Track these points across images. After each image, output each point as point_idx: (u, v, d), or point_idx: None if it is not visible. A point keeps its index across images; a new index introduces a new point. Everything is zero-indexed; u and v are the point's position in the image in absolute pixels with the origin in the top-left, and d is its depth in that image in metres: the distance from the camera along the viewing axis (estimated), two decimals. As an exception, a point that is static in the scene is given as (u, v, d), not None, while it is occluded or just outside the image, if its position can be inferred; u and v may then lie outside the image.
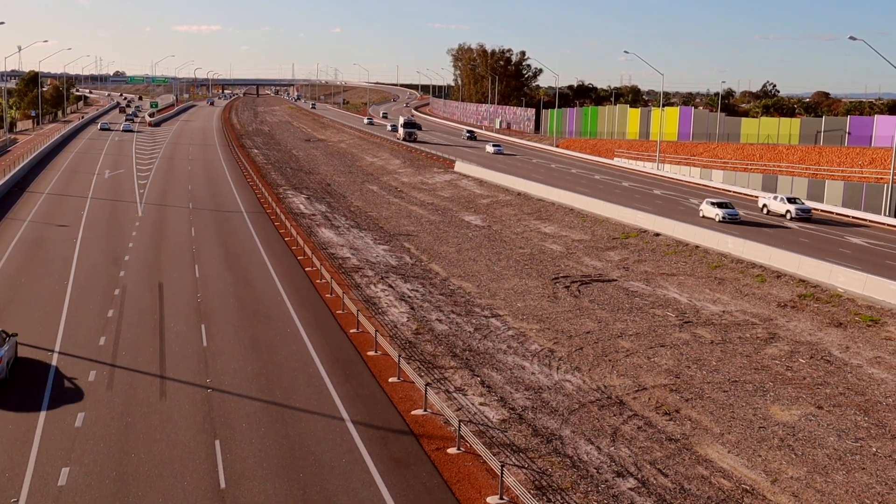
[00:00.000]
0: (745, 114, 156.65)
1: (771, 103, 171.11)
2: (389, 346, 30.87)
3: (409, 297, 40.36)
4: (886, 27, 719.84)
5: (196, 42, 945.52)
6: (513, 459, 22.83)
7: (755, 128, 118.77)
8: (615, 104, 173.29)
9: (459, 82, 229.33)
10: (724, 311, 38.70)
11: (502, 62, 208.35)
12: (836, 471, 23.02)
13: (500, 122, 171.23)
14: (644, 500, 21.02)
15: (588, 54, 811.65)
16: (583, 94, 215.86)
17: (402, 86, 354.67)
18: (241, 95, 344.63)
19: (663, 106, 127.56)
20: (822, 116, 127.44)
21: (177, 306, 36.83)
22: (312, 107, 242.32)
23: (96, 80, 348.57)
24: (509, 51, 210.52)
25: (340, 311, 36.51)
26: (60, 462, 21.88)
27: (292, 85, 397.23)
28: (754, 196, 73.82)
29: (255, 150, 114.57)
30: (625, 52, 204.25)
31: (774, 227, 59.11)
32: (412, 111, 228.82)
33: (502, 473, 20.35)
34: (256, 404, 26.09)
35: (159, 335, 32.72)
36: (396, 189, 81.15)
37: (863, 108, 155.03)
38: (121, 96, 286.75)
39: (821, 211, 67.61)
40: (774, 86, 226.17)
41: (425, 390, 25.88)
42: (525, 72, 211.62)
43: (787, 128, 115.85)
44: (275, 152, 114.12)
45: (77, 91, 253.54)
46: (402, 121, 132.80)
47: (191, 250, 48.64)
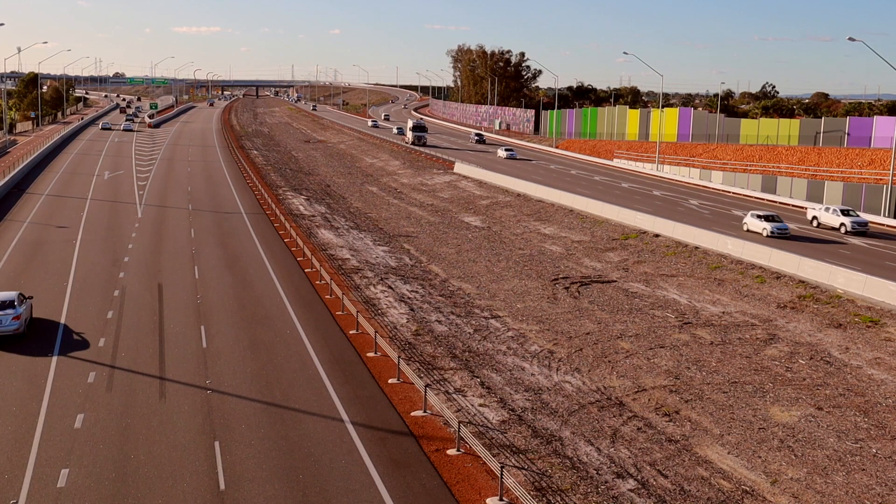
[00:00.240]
0: (745, 115, 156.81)
1: (770, 104, 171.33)
2: (389, 347, 30.86)
3: (409, 298, 40.36)
4: (885, 28, 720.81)
5: (196, 43, 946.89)
6: (512, 461, 22.83)
7: (754, 129, 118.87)
8: (615, 105, 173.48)
9: (459, 83, 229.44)
10: (723, 312, 38.70)
11: (502, 63, 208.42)
12: (836, 472, 23.01)
13: (500, 124, 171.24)
14: (644, 501, 21.02)
15: (587, 55, 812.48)
16: (582, 96, 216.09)
17: (401, 87, 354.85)
18: (241, 97, 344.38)
19: (663, 107, 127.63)
20: (821, 117, 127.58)
21: (176, 307, 36.83)
22: (313, 108, 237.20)
23: (96, 82, 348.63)
24: (509, 52, 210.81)
25: (340, 313, 36.51)
26: (60, 463, 21.89)
27: (292, 86, 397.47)
28: (800, 207, 68.30)
29: (255, 152, 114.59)
30: (624, 53, 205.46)
31: (829, 242, 53.40)
32: (412, 112, 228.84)
33: (502, 475, 20.34)
34: (256, 406, 26.09)
35: (159, 336, 32.72)
36: (396, 190, 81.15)
37: (862, 108, 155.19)
38: (117, 97, 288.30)
39: (874, 223, 61.35)
40: (774, 87, 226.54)
41: (425, 391, 25.88)
42: (524, 73, 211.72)
43: (787, 129, 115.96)
44: (274, 153, 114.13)
45: (76, 92, 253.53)
46: (410, 124, 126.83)
47: (190, 251, 48.64)
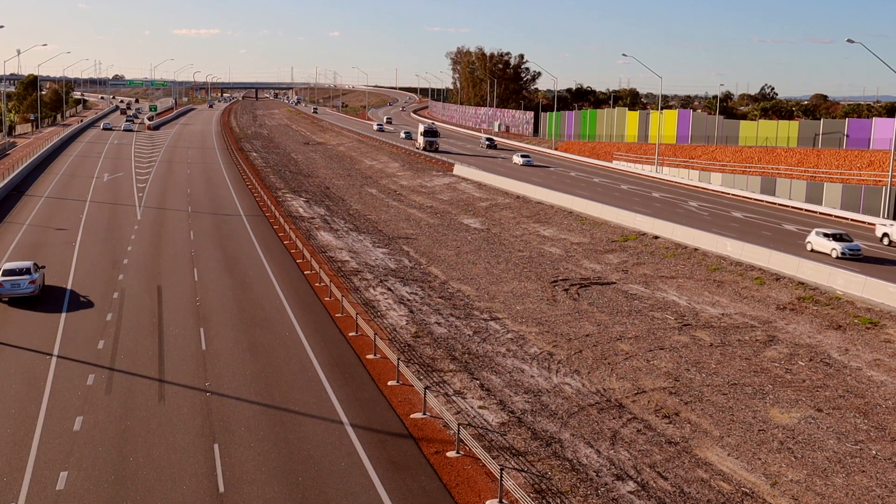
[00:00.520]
0: (744, 116, 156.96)
1: (769, 106, 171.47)
2: (388, 349, 30.84)
3: (408, 300, 40.34)
4: (884, 30, 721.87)
5: (195, 46, 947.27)
6: (512, 463, 22.81)
7: (754, 130, 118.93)
8: (614, 107, 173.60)
9: (458, 85, 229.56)
10: (723, 314, 38.69)
11: (501, 65, 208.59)
12: (836, 473, 23.00)
13: (499, 126, 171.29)
14: (644, 503, 21.00)
15: (586, 57, 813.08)
16: (581, 97, 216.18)
17: (400, 89, 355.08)
18: (240, 99, 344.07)
19: (662, 109, 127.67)
20: (820, 119, 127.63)
21: (176, 310, 36.81)
22: (314, 111, 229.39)
23: (95, 84, 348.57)
24: (508, 54, 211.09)
25: (339, 315, 36.48)
26: (59, 466, 21.86)
27: (291, 88, 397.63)
28: (867, 223, 62.46)
29: (254, 154, 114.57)
30: (623, 55, 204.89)
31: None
32: (411, 114, 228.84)
33: (502, 477, 20.32)
34: (255, 408, 26.07)
35: (158, 338, 32.70)
36: (395, 192, 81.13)
37: (861, 110, 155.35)
38: (112, 98, 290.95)
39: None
40: (773, 88, 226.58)
41: (424, 393, 25.85)
42: (524, 75, 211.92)
43: (786, 130, 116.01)
44: (274, 155, 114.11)
45: (76, 95, 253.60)
46: (421, 128, 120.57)
47: (190, 254, 48.62)
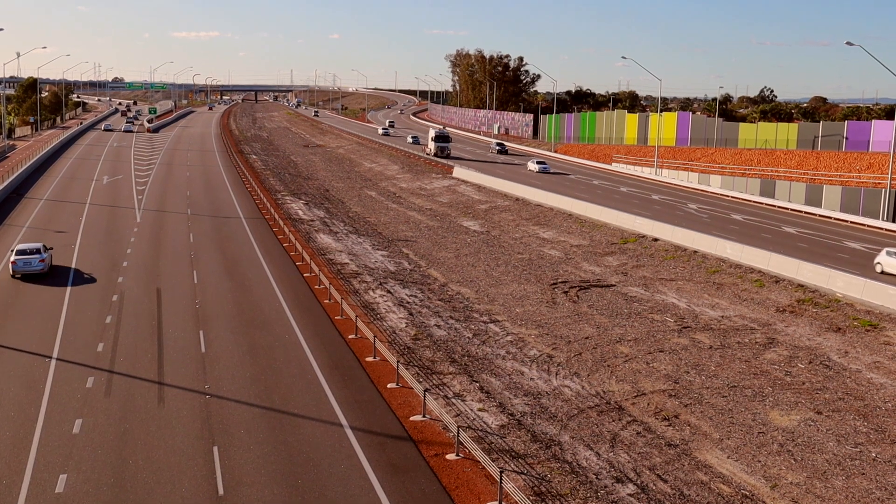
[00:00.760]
0: (743, 119, 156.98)
1: (768, 108, 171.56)
2: (388, 351, 30.83)
3: (408, 302, 40.33)
4: (883, 32, 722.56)
5: (194, 48, 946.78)
6: (512, 465, 22.79)
7: (753, 133, 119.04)
8: (613, 109, 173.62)
9: (458, 88, 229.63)
10: (722, 317, 38.68)
11: (500, 68, 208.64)
12: (836, 476, 22.99)
13: (498, 128, 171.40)
14: (643, 505, 20.98)
15: (586, 60, 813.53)
16: (581, 100, 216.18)
17: (400, 91, 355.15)
18: (240, 101, 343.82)
19: (661, 111, 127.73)
20: (819, 121, 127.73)
21: (175, 312, 36.80)
22: (315, 114, 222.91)
23: (95, 87, 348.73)
24: (507, 56, 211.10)
25: (339, 317, 36.48)
26: (58, 469, 21.84)
27: (291, 91, 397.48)
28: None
29: (254, 156, 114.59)
30: (622, 57, 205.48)
31: None
32: (410, 117, 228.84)
33: (501, 479, 20.30)
34: (255, 410, 26.05)
35: (157, 341, 32.68)
36: (395, 195, 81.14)
37: (860, 113, 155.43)
38: (110, 101, 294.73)
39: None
40: (772, 91, 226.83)
41: (424, 396, 25.84)
42: (523, 77, 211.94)
43: (785, 133, 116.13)
44: (273, 158, 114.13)
45: (76, 97, 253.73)
46: (432, 133, 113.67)
47: (189, 256, 48.61)
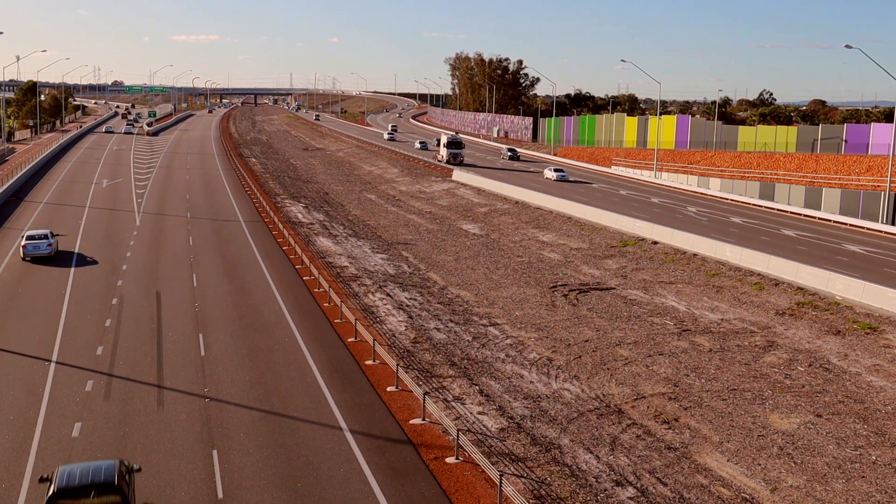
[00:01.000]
0: (742, 122, 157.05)
1: (768, 111, 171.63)
2: (387, 354, 30.81)
3: (408, 305, 40.31)
4: (882, 35, 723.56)
5: (194, 51, 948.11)
6: (511, 469, 22.77)
7: (752, 136, 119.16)
8: (612, 113, 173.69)
9: (457, 91, 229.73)
10: (722, 319, 38.67)
11: (500, 71, 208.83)
12: (836, 479, 22.97)
13: (498, 131, 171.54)
14: (643, 509, 20.96)
15: (585, 63, 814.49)
16: (580, 103, 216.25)
17: (399, 95, 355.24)
18: (239, 105, 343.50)
19: (660, 114, 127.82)
20: (818, 124, 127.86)
21: (175, 315, 36.78)
22: (316, 118, 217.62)
23: (94, 90, 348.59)
24: (507, 60, 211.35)
25: (338, 320, 36.46)
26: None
27: (290, 94, 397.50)
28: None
29: (253, 160, 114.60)
30: (622, 60, 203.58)
31: None
32: (409, 120, 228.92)
33: (501, 483, 20.28)
34: (254, 414, 26.03)
35: (157, 344, 32.66)
36: (394, 198, 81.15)
37: (859, 116, 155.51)
38: (106, 104, 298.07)
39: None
40: (771, 94, 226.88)
41: (423, 399, 25.82)
42: (522, 80, 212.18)
43: (784, 136, 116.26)
44: (273, 161, 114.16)
45: (75, 101, 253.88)
46: (444, 139, 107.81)
47: (189, 259, 48.59)
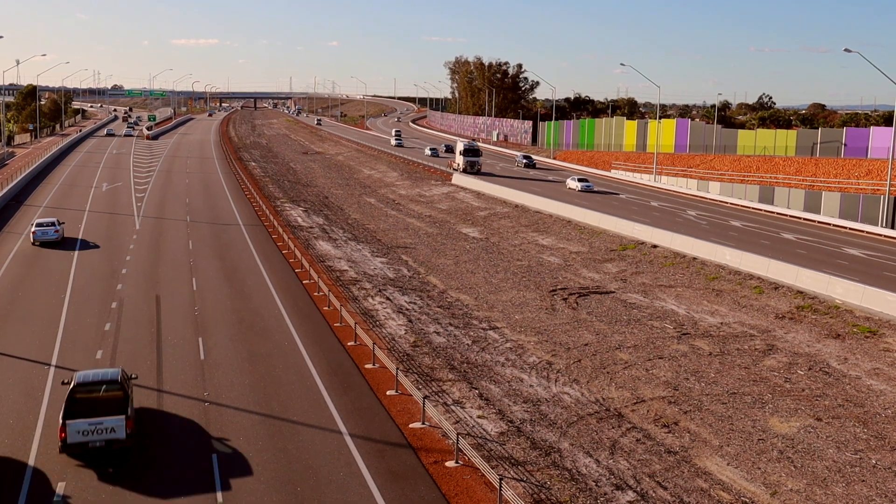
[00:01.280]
0: (742, 126, 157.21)
1: (767, 115, 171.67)
2: (387, 358, 30.80)
3: (407, 309, 40.32)
4: (881, 39, 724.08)
5: (194, 55, 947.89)
6: (511, 472, 22.76)
7: (752, 139, 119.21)
8: (612, 116, 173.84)
9: (457, 95, 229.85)
10: (722, 323, 38.67)
11: (499, 75, 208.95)
12: (836, 483, 22.95)
13: (498, 135, 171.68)
14: (643, 513, 20.94)
15: (585, 67, 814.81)
16: (580, 107, 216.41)
17: (399, 98, 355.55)
18: (239, 108, 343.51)
19: (660, 118, 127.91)
20: (818, 128, 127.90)
21: (174, 319, 36.77)
22: (318, 123, 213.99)
23: (94, 94, 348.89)
24: (506, 63, 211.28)
25: (338, 324, 36.46)
26: (57, 476, 21.80)
27: (290, 98, 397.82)
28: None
29: (253, 163, 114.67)
30: (621, 64, 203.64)
31: None
32: (409, 124, 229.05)
33: (501, 487, 20.27)
34: (254, 417, 26.02)
35: (156, 348, 32.65)
36: (394, 202, 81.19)
37: (858, 119, 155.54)
38: (102, 107, 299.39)
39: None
40: (770, 98, 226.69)
41: (423, 403, 25.81)
42: (522, 84, 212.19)
43: (784, 139, 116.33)
44: (272, 165, 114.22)
45: (75, 105, 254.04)
46: (461, 146, 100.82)
47: (188, 263, 48.59)
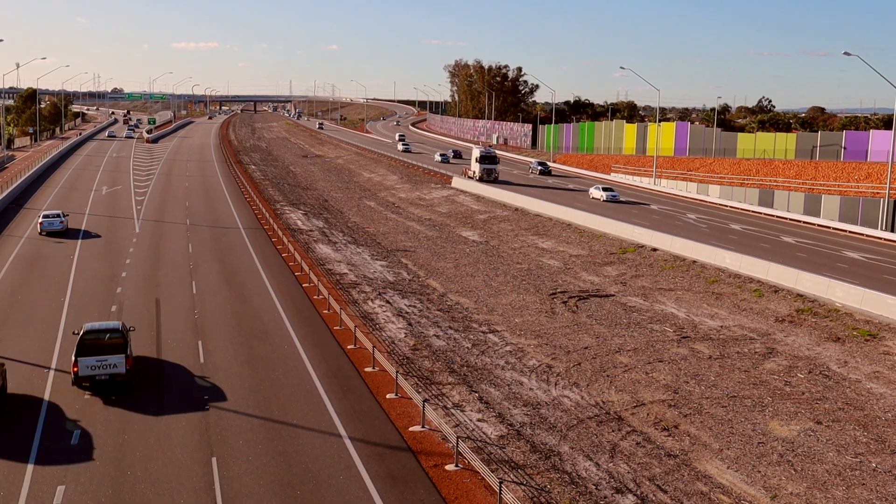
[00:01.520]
0: (741, 129, 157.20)
1: (767, 118, 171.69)
2: (387, 361, 30.78)
3: (407, 312, 40.30)
4: (881, 42, 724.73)
5: (194, 59, 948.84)
6: (511, 476, 22.73)
7: (751, 143, 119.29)
8: (612, 120, 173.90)
9: (456, 98, 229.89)
10: (721, 326, 38.66)
11: (499, 78, 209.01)
12: (836, 486, 22.93)
13: (497, 138, 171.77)
14: (643, 516, 20.91)
15: (584, 70, 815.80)
16: (579, 110, 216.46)
17: (399, 102, 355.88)
18: (239, 112, 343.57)
19: (659, 121, 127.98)
20: (817, 131, 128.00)
21: (174, 322, 36.75)
22: (320, 127, 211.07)
23: (94, 97, 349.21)
24: (506, 67, 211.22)
25: (338, 327, 36.44)
26: (56, 480, 21.77)
27: (290, 101, 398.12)
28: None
29: (253, 167, 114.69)
30: (621, 67, 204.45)
31: None
32: (408, 127, 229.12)
33: (501, 490, 20.24)
34: (254, 421, 25.99)
35: (156, 351, 32.62)
36: (394, 205, 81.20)
37: (858, 122, 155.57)
38: (98, 110, 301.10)
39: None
40: (770, 101, 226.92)
41: (423, 406, 25.79)
42: (522, 87, 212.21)
43: (783, 143, 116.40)
44: (272, 168, 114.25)
45: (75, 108, 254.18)
46: (476, 153, 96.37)
47: (188, 266, 48.58)
